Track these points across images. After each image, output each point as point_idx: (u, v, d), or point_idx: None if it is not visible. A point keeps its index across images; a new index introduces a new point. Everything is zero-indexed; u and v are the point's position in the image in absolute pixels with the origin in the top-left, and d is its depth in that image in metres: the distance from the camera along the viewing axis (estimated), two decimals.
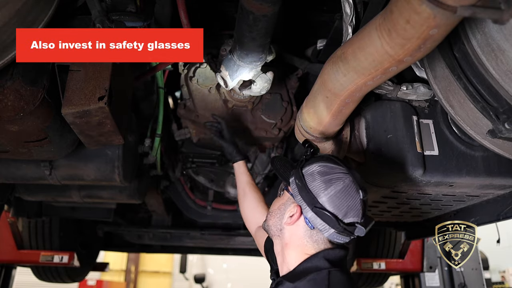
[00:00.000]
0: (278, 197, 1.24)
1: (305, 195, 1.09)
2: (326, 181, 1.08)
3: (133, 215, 3.50)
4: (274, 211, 1.20)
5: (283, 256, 1.17)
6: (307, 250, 1.11)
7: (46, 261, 3.21)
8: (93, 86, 1.18)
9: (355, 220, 1.07)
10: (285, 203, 1.17)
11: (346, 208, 1.06)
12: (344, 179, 1.08)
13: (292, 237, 1.13)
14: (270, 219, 1.21)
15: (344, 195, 1.06)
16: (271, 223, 1.20)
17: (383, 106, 1.49)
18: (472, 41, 0.98)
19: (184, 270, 8.61)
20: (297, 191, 1.11)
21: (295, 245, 1.13)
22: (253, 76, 1.77)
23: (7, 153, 1.47)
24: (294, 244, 1.13)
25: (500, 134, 1.04)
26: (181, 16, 1.46)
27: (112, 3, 1.25)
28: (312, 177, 1.10)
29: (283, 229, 1.16)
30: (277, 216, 1.18)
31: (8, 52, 0.99)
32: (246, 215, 1.75)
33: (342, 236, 1.07)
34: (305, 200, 1.09)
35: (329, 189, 1.06)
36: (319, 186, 1.08)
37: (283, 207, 1.17)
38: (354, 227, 1.06)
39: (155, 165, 2.42)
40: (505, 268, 8.09)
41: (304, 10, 1.76)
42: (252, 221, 1.69)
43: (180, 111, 2.22)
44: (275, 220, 1.18)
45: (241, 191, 1.79)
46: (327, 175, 1.09)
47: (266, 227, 1.24)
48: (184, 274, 8.99)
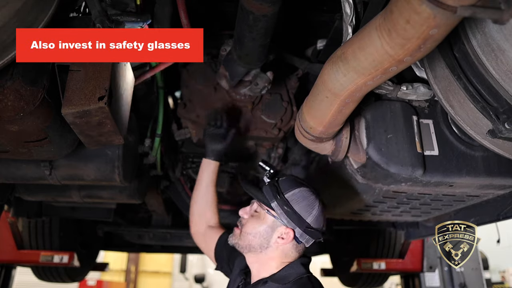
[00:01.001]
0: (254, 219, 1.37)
1: (296, 219, 1.29)
2: (309, 204, 1.32)
3: (133, 215, 3.50)
4: (259, 233, 1.34)
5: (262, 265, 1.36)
6: (287, 259, 1.35)
7: (46, 261, 3.21)
8: (93, 86, 1.18)
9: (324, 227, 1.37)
10: (272, 225, 1.33)
11: (322, 222, 1.35)
12: (317, 200, 1.35)
13: (278, 253, 1.34)
14: (252, 240, 1.35)
15: (321, 213, 1.34)
16: (254, 243, 1.34)
17: (383, 106, 1.49)
18: (472, 41, 0.98)
19: (184, 270, 8.62)
20: (285, 215, 1.30)
21: (279, 258, 1.34)
22: (253, 76, 1.77)
23: (7, 153, 1.47)
24: (278, 257, 1.34)
25: (500, 134, 1.04)
26: (181, 16, 1.46)
27: (112, 3, 1.25)
28: (296, 202, 1.31)
29: (269, 247, 1.34)
30: (263, 237, 1.34)
31: (8, 52, 0.99)
32: (199, 211, 1.81)
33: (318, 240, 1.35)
34: (296, 223, 1.30)
35: (313, 211, 1.31)
36: (305, 210, 1.31)
37: (269, 229, 1.33)
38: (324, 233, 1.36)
39: (155, 165, 2.41)
40: (505, 268, 8.10)
41: (304, 10, 1.76)
42: (203, 220, 1.79)
43: (180, 111, 2.23)
44: (260, 240, 1.34)
45: (203, 187, 1.82)
46: (307, 200, 1.33)
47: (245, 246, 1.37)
48: (184, 274, 8.99)
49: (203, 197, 1.81)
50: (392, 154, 1.43)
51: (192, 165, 2.68)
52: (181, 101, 2.27)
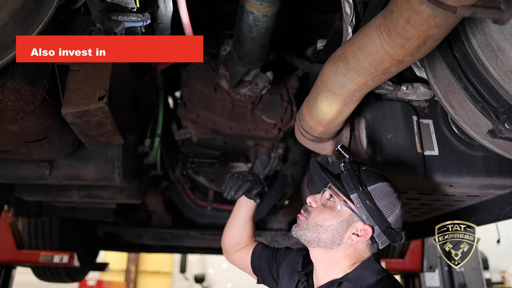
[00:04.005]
0: (327, 209, 1.20)
1: (378, 217, 1.14)
2: (392, 202, 1.15)
3: (133, 215, 3.50)
4: (332, 226, 1.17)
5: (332, 263, 1.20)
6: (361, 258, 1.19)
7: (46, 261, 3.21)
8: (93, 86, 1.18)
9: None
10: (348, 220, 1.16)
11: (401, 224, 1.19)
12: (400, 199, 1.18)
13: (351, 250, 1.18)
14: (323, 233, 1.18)
15: (402, 215, 1.18)
16: (326, 237, 1.17)
17: (383, 106, 1.49)
18: (472, 41, 0.98)
19: (184, 270, 8.61)
20: (365, 210, 1.14)
21: (352, 256, 1.18)
22: (253, 76, 1.77)
23: (7, 153, 1.47)
24: (352, 255, 1.18)
25: (500, 134, 1.04)
26: (181, 16, 1.46)
27: (112, 3, 1.25)
28: (379, 198, 1.15)
29: (341, 243, 1.17)
30: (336, 231, 1.17)
31: (8, 52, 0.99)
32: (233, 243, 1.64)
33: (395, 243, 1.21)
34: (376, 221, 1.14)
35: (396, 211, 1.15)
36: (387, 208, 1.15)
37: (345, 224, 1.16)
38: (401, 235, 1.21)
39: (155, 165, 2.41)
40: (505, 268, 8.09)
41: (304, 10, 1.76)
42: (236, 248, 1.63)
43: (180, 111, 2.22)
44: (333, 235, 1.17)
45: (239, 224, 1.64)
46: (391, 197, 1.16)
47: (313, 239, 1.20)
48: (184, 274, 8.99)
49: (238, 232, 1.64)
50: (392, 154, 1.43)
51: (192, 165, 2.68)
52: (181, 101, 2.27)
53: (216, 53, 1.88)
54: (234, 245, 1.65)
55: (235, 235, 1.64)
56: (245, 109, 2.10)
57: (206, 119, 2.18)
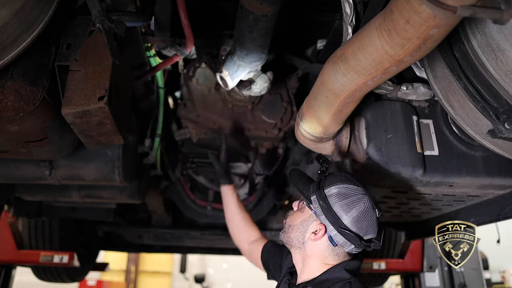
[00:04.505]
0: (298, 212, 1.33)
1: (330, 216, 1.19)
2: (349, 203, 1.19)
3: (133, 215, 3.50)
4: (296, 225, 1.29)
5: (303, 265, 1.30)
6: (327, 261, 1.25)
7: (46, 261, 3.20)
8: (93, 86, 1.18)
9: (372, 236, 1.21)
10: (307, 219, 1.26)
11: (366, 227, 1.19)
12: (363, 201, 1.20)
13: (314, 250, 1.26)
14: (291, 232, 1.30)
15: (364, 216, 1.19)
16: (292, 236, 1.29)
17: (383, 106, 1.49)
18: (472, 41, 0.98)
19: (184, 270, 8.61)
20: (321, 211, 1.21)
21: (316, 257, 1.26)
22: (253, 76, 1.77)
23: (7, 153, 1.47)
24: (315, 256, 1.26)
25: (500, 134, 1.04)
26: (181, 16, 1.46)
27: (112, 3, 1.25)
28: (335, 199, 1.21)
29: (305, 243, 1.26)
30: (299, 230, 1.27)
31: (8, 52, 0.99)
32: (236, 236, 1.89)
33: (359, 249, 1.21)
34: (330, 221, 1.19)
35: (352, 211, 1.18)
36: (342, 208, 1.19)
37: (305, 223, 1.26)
38: (372, 242, 1.21)
39: (155, 165, 2.41)
40: (505, 268, 8.09)
41: (304, 10, 1.76)
42: (243, 240, 1.84)
43: (180, 111, 2.22)
44: (297, 234, 1.28)
45: (229, 214, 1.92)
46: (349, 198, 1.20)
47: (286, 239, 1.32)
48: (184, 274, 8.99)
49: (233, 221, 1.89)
50: (392, 154, 1.43)
51: (192, 165, 2.68)
52: (181, 101, 2.27)
53: (216, 53, 1.88)
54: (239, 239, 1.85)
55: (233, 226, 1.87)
56: (245, 109, 2.10)
57: (206, 119, 2.18)
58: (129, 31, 1.34)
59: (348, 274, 1.21)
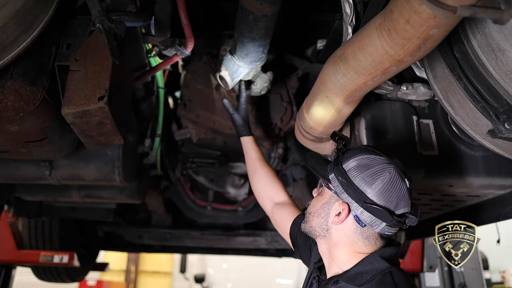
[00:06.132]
0: (317, 197, 1.18)
1: (352, 192, 1.04)
2: (371, 174, 1.04)
3: (133, 215, 3.50)
4: (317, 211, 1.14)
5: (331, 256, 1.13)
6: (358, 248, 1.09)
7: (46, 261, 3.20)
8: (93, 86, 1.18)
9: (405, 210, 1.05)
10: (328, 201, 1.11)
11: (396, 199, 1.03)
12: (388, 170, 1.04)
13: (341, 236, 1.09)
14: (312, 220, 1.15)
15: (392, 187, 1.03)
16: (314, 224, 1.14)
17: (383, 106, 1.49)
18: (472, 41, 0.98)
19: (184, 270, 8.60)
20: (341, 188, 1.06)
21: (344, 244, 1.09)
22: (253, 76, 1.77)
23: (7, 153, 1.47)
24: (343, 243, 1.10)
25: (500, 134, 1.04)
26: (181, 16, 1.46)
27: (112, 3, 1.25)
28: (355, 172, 1.05)
29: (329, 229, 1.11)
30: (321, 216, 1.12)
31: (8, 52, 0.99)
32: (259, 193, 1.65)
33: (393, 228, 1.05)
34: (353, 197, 1.04)
35: (376, 183, 1.03)
36: (364, 181, 1.04)
37: (327, 206, 1.11)
38: (406, 217, 1.05)
39: (155, 165, 2.41)
40: (505, 268, 8.08)
41: (304, 10, 1.76)
42: (266, 198, 1.62)
43: (180, 111, 2.22)
44: (319, 220, 1.13)
45: (251, 168, 1.68)
46: (370, 168, 1.05)
47: (308, 229, 1.17)
48: (184, 274, 8.98)
49: (256, 177, 1.65)
50: (392, 154, 1.42)
51: (192, 165, 2.68)
52: (181, 101, 2.27)
53: (216, 53, 1.88)
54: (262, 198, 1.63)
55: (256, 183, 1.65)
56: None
57: (206, 119, 2.18)
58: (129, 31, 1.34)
59: (386, 263, 1.04)
